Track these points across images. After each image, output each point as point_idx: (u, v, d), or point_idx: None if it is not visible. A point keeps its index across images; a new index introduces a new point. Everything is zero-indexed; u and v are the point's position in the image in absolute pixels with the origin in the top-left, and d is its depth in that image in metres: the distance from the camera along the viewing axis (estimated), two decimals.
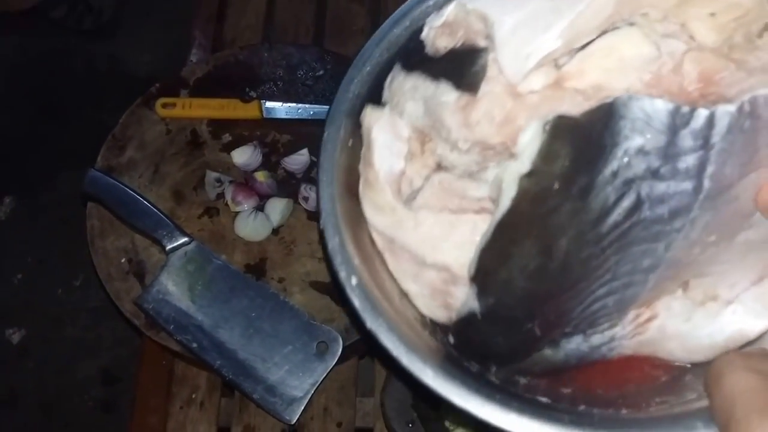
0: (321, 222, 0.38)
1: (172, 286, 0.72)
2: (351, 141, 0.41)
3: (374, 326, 0.34)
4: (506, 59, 0.34)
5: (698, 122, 0.28)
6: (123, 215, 0.74)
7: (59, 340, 1.30)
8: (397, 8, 0.43)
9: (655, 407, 0.34)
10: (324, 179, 0.40)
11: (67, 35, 1.51)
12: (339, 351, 0.68)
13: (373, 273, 0.38)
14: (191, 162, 0.80)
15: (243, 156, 0.79)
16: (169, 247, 0.72)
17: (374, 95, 0.42)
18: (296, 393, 0.68)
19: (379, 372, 0.74)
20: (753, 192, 0.30)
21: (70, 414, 1.24)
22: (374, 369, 0.74)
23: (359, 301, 0.35)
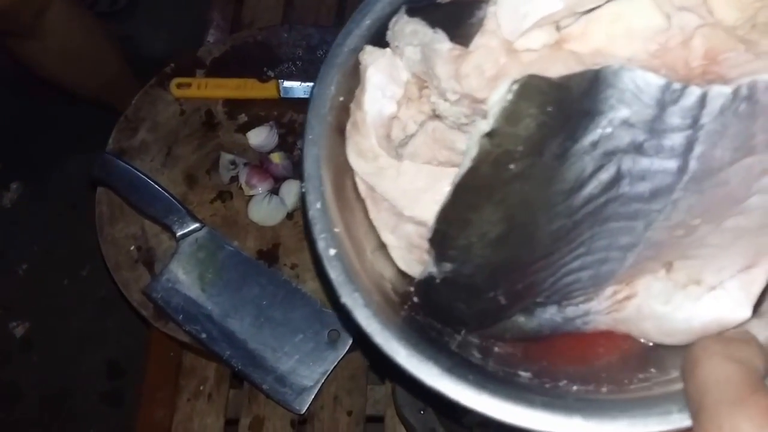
0: (303, 185, 0.36)
1: (182, 275, 0.70)
2: (342, 98, 0.39)
3: (349, 301, 0.33)
4: (504, 14, 0.34)
5: (689, 100, 0.27)
6: (133, 200, 0.72)
7: (64, 333, 1.27)
8: None
9: (637, 385, 0.33)
10: (310, 137, 0.38)
11: None
12: (351, 339, 0.66)
13: (353, 228, 0.36)
14: (205, 144, 0.78)
15: (259, 136, 0.76)
16: (180, 234, 0.70)
17: None
18: (306, 382, 0.66)
19: None
20: (746, 177, 0.29)
21: (76, 408, 1.21)
22: None
23: (336, 274, 0.34)
